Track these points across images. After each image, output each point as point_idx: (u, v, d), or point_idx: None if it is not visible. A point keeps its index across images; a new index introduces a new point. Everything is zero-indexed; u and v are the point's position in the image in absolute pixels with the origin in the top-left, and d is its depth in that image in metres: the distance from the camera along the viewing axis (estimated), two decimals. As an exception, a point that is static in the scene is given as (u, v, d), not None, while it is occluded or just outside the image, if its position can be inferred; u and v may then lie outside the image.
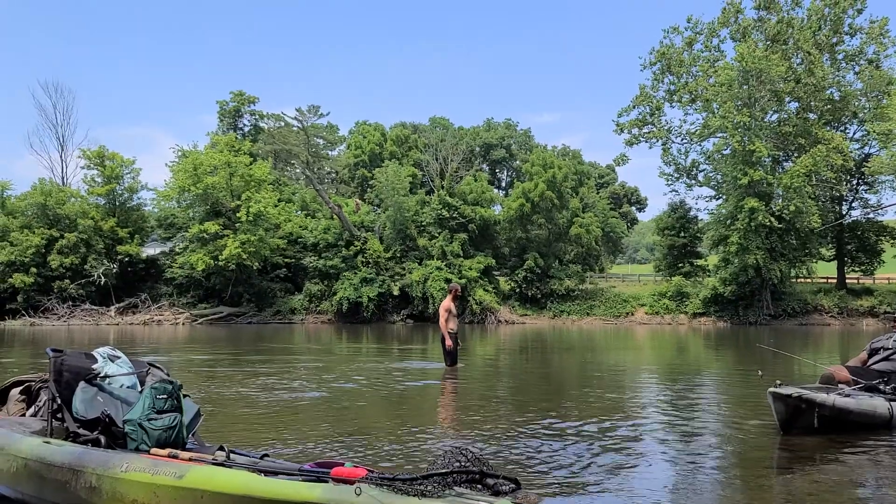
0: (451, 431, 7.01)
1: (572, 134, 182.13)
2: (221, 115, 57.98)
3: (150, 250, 49.26)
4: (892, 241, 46.84)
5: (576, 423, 7.55)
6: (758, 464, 5.85)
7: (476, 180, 50.10)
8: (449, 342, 13.22)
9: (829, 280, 48.03)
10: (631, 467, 5.63)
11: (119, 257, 44.15)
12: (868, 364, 8.10)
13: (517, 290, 47.30)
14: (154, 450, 3.86)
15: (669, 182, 49.61)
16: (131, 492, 3.37)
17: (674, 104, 48.39)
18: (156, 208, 48.78)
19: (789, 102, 43.98)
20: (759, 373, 8.98)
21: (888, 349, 7.98)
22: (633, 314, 45.25)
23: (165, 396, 4.23)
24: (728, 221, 41.64)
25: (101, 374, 4.53)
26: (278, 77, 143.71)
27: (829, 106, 43.89)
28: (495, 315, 44.71)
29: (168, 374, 4.83)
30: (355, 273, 44.18)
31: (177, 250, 46.01)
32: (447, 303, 13.43)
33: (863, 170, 43.69)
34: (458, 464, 2.93)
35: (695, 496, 4.78)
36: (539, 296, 46.77)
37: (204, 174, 42.75)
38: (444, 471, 2.87)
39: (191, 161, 43.92)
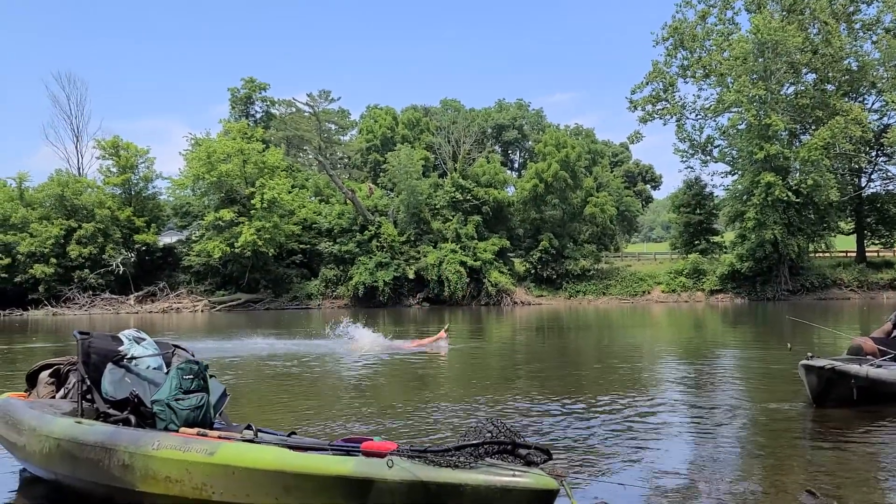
0: (472, 408, 7.02)
1: (585, 113, 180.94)
2: (233, 103, 57.97)
3: (166, 239, 49.64)
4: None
5: (596, 398, 7.54)
6: (785, 436, 5.81)
7: (489, 162, 49.89)
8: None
9: (849, 254, 47.51)
10: (654, 439, 5.62)
11: (136, 246, 44.54)
12: (894, 335, 7.99)
13: (532, 271, 47.20)
14: (183, 429, 3.89)
15: (684, 159, 49.13)
16: (164, 469, 3.40)
17: (687, 80, 47.78)
18: (171, 197, 49.09)
19: (806, 74, 43.26)
20: (789, 346, 8.89)
21: (914, 319, 7.88)
22: (649, 293, 45.05)
23: (192, 377, 4.25)
24: (744, 197, 41.22)
25: (128, 356, 4.56)
26: (288, 63, 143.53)
27: (846, 77, 43.13)
28: (511, 297, 44.70)
29: (193, 355, 4.85)
30: (370, 257, 44.25)
31: (193, 238, 46.31)
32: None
33: (882, 141, 42.98)
34: (489, 435, 2.92)
35: (719, 466, 4.76)
36: (554, 276, 46.65)
37: (217, 162, 42.89)
38: (475, 442, 2.86)
39: (204, 149, 44.07)
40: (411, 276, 44.17)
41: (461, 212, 46.35)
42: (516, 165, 75.91)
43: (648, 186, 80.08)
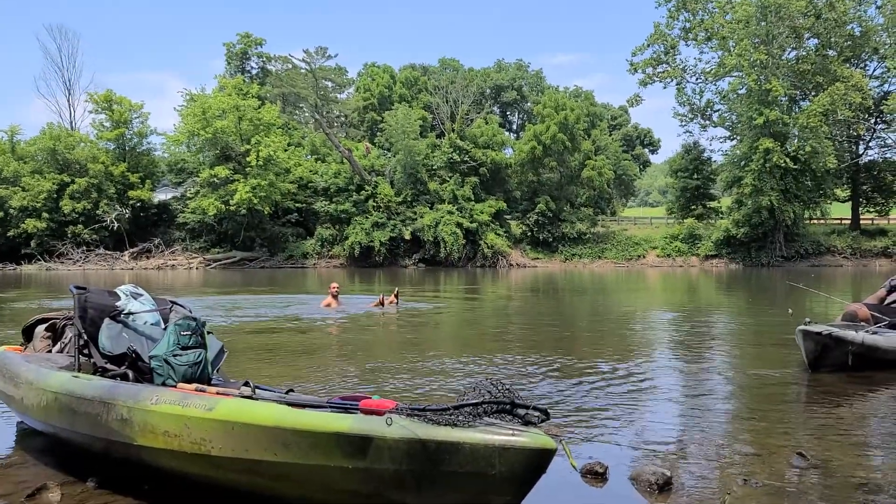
0: (466, 368, 7.07)
1: (586, 75, 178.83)
2: (229, 58, 57.11)
3: (161, 195, 49.38)
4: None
5: (590, 360, 7.59)
6: (777, 399, 5.86)
7: (487, 123, 49.50)
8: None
9: (843, 221, 47.66)
10: (648, 402, 5.67)
11: (131, 202, 44.30)
12: (887, 302, 8.04)
13: (529, 233, 47.25)
14: (181, 384, 3.89)
15: (683, 123, 48.90)
16: (162, 423, 3.40)
17: (689, 42, 47.28)
18: (166, 153, 48.66)
19: (808, 39, 42.80)
20: (790, 311, 8.96)
21: (909, 286, 7.93)
22: (644, 257, 45.23)
23: (189, 333, 4.24)
24: (742, 163, 41.16)
25: (125, 311, 4.54)
26: (285, 18, 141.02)
27: (849, 42, 42.69)
28: (507, 259, 44.81)
29: (191, 312, 4.83)
30: (367, 217, 44.19)
31: (188, 195, 46.07)
32: (329, 301, 13.66)
33: (882, 108, 42.77)
34: (488, 395, 2.92)
35: (711, 428, 4.81)
36: (550, 239, 46.74)
37: (213, 118, 42.45)
38: (475, 401, 2.86)
39: (199, 105, 43.58)
40: (407, 236, 44.18)
41: (458, 173, 46.16)
42: (514, 127, 75.29)
43: (647, 150, 79.75)
